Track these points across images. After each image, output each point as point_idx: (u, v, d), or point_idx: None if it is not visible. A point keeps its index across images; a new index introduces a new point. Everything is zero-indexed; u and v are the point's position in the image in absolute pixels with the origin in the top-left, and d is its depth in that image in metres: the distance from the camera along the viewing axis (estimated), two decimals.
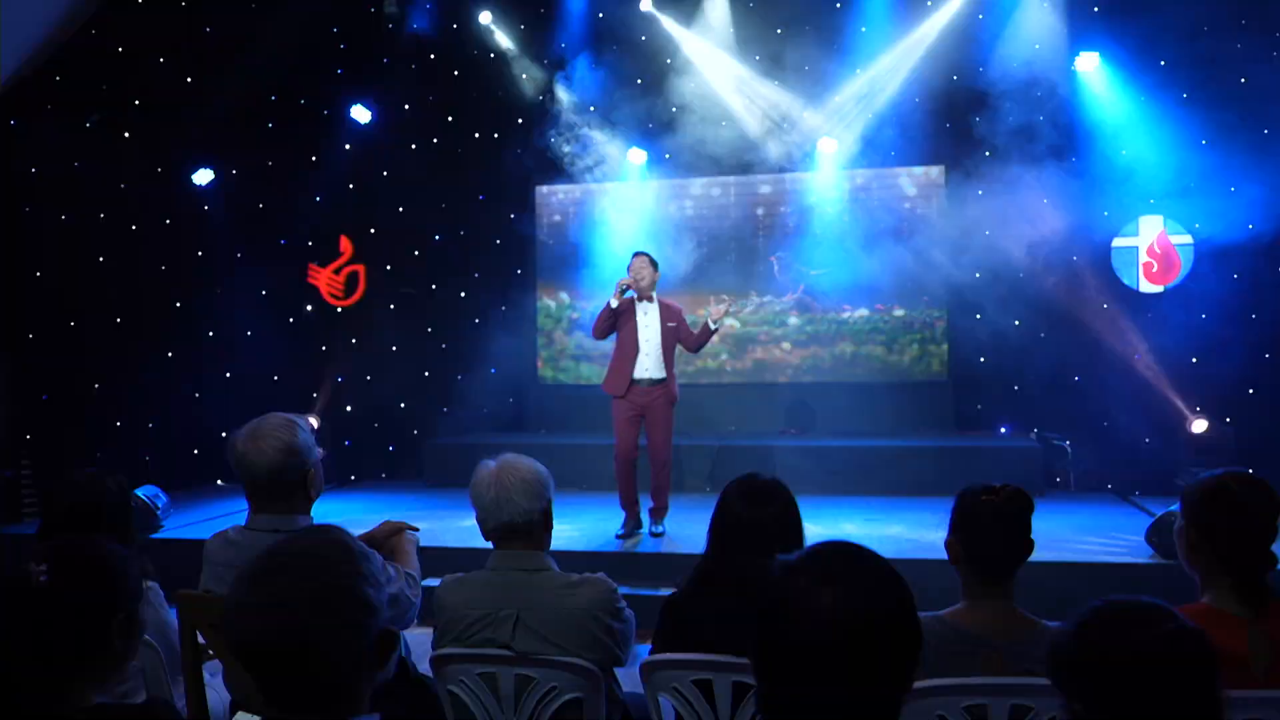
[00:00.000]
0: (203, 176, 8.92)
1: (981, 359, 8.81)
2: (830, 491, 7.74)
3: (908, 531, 6.45)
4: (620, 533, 6.33)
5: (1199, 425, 7.35)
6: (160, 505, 6.84)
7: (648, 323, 6.14)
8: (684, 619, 2.48)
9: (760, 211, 9.40)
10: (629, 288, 6.09)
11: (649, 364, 6.12)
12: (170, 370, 8.83)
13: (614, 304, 6.08)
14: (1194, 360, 7.60)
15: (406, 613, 2.66)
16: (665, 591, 5.76)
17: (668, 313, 6.18)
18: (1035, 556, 5.60)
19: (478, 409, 9.43)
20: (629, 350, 6.11)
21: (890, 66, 8.69)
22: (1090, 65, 7.82)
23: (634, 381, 6.11)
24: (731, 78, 9.06)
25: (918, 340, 9.12)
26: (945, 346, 9.04)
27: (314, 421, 8.91)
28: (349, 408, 9.20)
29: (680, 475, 8.29)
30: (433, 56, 9.49)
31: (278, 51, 8.77)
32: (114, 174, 8.43)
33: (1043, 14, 8.03)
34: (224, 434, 9.01)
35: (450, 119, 9.51)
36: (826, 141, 8.96)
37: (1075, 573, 5.40)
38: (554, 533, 2.66)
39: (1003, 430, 8.70)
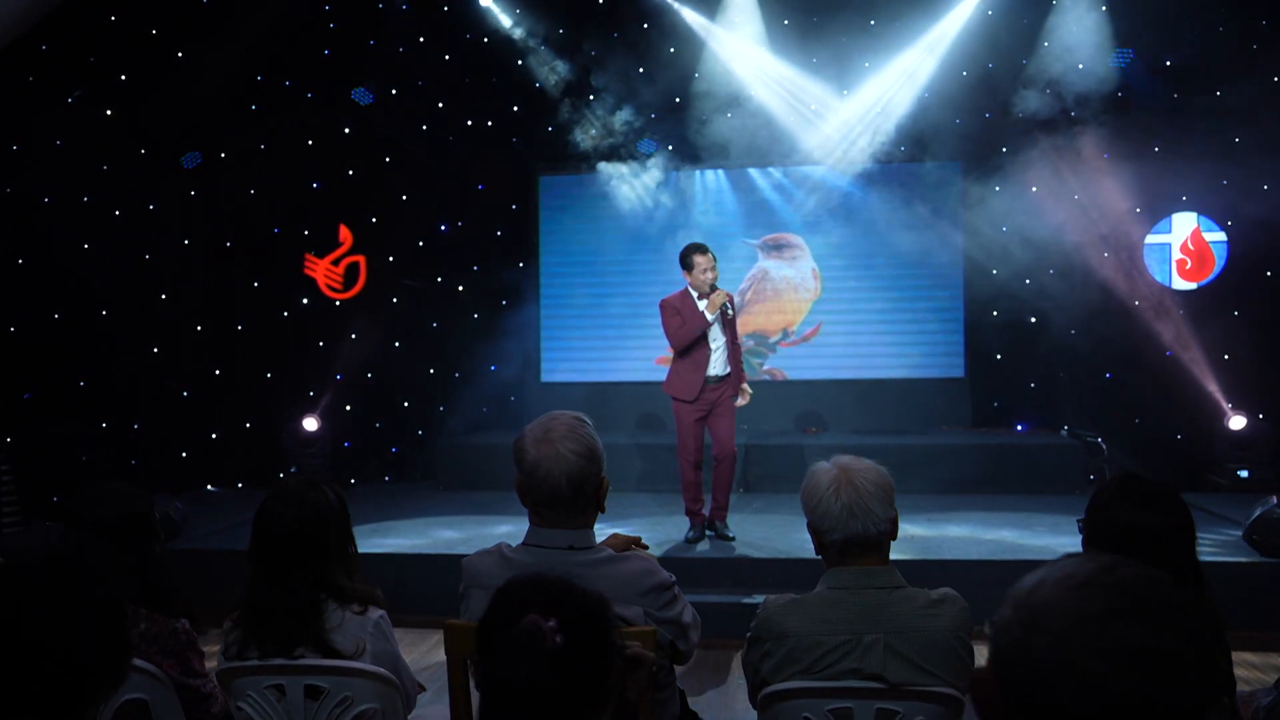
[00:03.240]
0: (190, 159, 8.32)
1: (998, 356, 8.78)
2: None
3: (980, 532, 6.31)
4: (690, 536, 6.05)
5: (1237, 422, 7.40)
6: (178, 514, 6.29)
7: (714, 319, 5.89)
8: None
9: (775, 203, 9.19)
10: (727, 302, 5.86)
11: (719, 361, 5.90)
12: (156, 367, 8.21)
13: (710, 317, 5.81)
14: (1226, 357, 7.65)
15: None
16: (753, 599, 5.54)
17: (728, 301, 5.96)
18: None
19: (478, 408, 9.04)
20: (700, 353, 5.85)
21: (914, 59, 8.55)
22: (1123, 61, 7.79)
23: (707, 380, 5.86)
24: (747, 63, 8.81)
25: (934, 337, 9.03)
26: (961, 343, 8.97)
27: (313, 422, 8.40)
28: (348, 407, 8.69)
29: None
30: (432, 39, 9.01)
31: (273, 28, 8.24)
32: (95, 154, 7.78)
33: (1077, 8, 7.98)
34: (213, 435, 8.52)
35: (450, 103, 9.04)
36: (844, 133, 8.80)
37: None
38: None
39: (1019, 428, 8.68)
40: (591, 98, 8.85)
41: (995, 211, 8.36)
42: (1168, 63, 7.66)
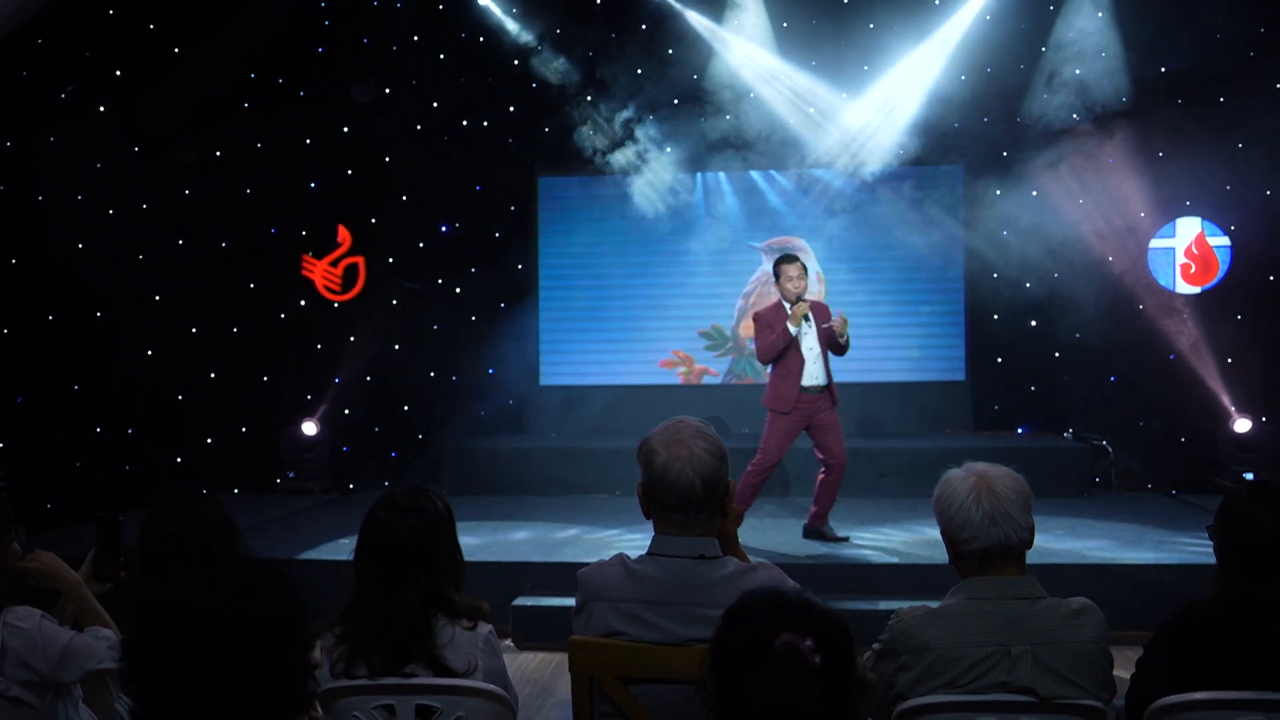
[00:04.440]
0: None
1: (999, 359, 8.81)
2: (886, 494, 7.59)
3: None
4: None
5: (1242, 424, 7.48)
6: None
7: (807, 329, 5.90)
8: (1192, 655, 2.17)
9: (779, 206, 9.16)
10: (809, 312, 5.86)
11: (815, 371, 5.90)
12: (151, 370, 8.00)
13: (794, 330, 5.81)
14: (1230, 360, 7.73)
15: None
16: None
17: (820, 313, 5.95)
18: (1153, 559, 5.56)
19: (476, 412, 8.92)
20: (795, 363, 5.87)
21: (916, 62, 8.55)
22: (1126, 67, 7.86)
23: (802, 390, 5.85)
24: (749, 65, 8.77)
25: (936, 340, 9.05)
26: (963, 346, 9.00)
27: (312, 426, 8.24)
28: (347, 411, 8.53)
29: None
30: (429, 38, 8.87)
31: (271, 26, 8.09)
32: (90, 152, 7.57)
33: (1080, 14, 8.03)
34: (209, 440, 8.33)
35: (448, 104, 8.90)
36: (848, 136, 8.78)
37: (1197, 574, 5.33)
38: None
39: (1020, 431, 8.72)
40: (590, 98, 8.76)
41: (997, 215, 8.39)
42: (1171, 69, 7.70)
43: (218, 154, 8.39)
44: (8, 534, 2.44)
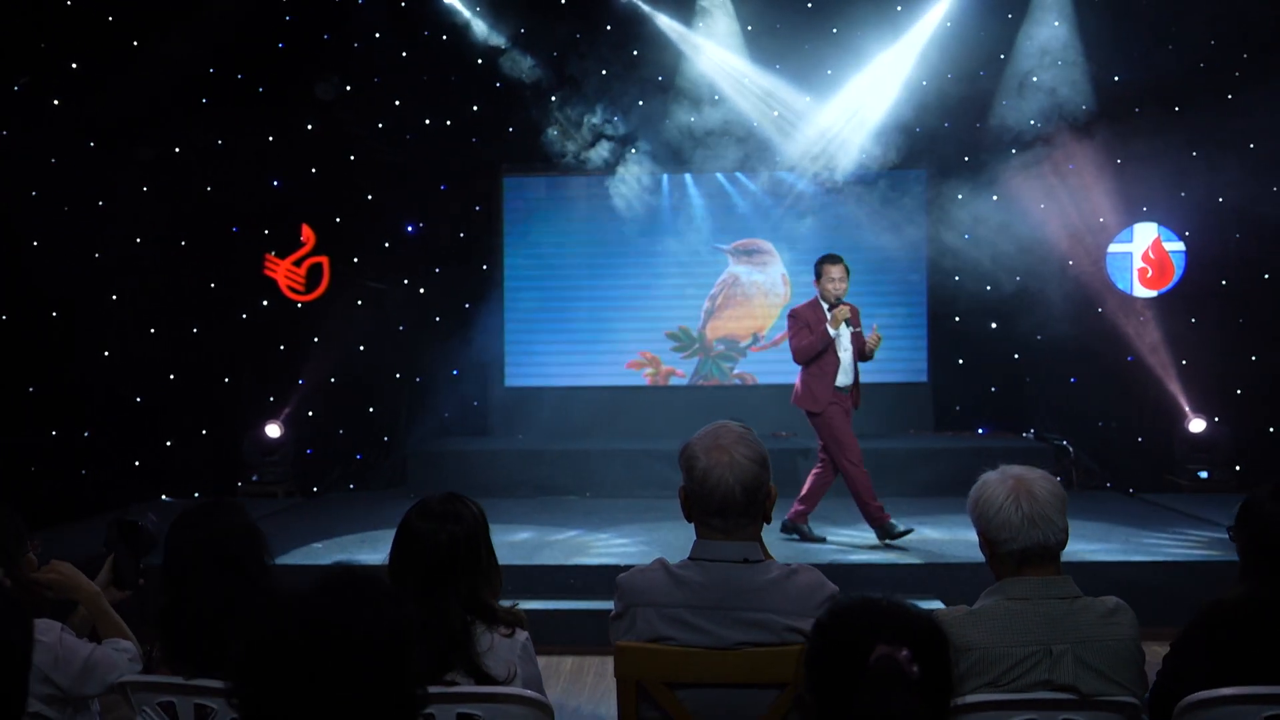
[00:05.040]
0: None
1: (960, 361, 8.96)
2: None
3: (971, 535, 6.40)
4: (901, 529, 5.96)
5: (1197, 425, 7.70)
6: (154, 525, 5.95)
7: (840, 331, 5.98)
8: (1219, 653, 2.23)
9: (745, 208, 9.21)
10: (850, 317, 5.95)
11: (847, 372, 6.02)
12: (107, 372, 7.79)
13: (834, 333, 5.89)
14: (1184, 362, 7.96)
15: None
16: None
17: (854, 317, 6.06)
18: (1123, 556, 5.69)
19: (440, 413, 8.84)
20: (830, 364, 5.96)
21: (880, 67, 8.65)
22: (1085, 76, 8.04)
23: (836, 389, 5.97)
24: (717, 67, 8.80)
25: (899, 342, 9.15)
26: (925, 348, 9.13)
27: (276, 429, 8.09)
28: (311, 413, 8.39)
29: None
30: (391, 35, 8.76)
31: (232, 20, 7.92)
32: (43, 146, 7.35)
33: (1042, 24, 8.20)
34: (168, 443, 8.16)
35: (411, 102, 8.80)
36: (813, 140, 8.86)
37: (1173, 571, 5.47)
38: (621, 546, 2.37)
39: (980, 431, 8.88)
40: (555, 99, 8.71)
41: (959, 219, 8.54)
42: (1129, 78, 7.90)
43: (177, 150, 8.20)
44: (22, 544, 2.37)
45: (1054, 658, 2.13)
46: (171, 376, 8.14)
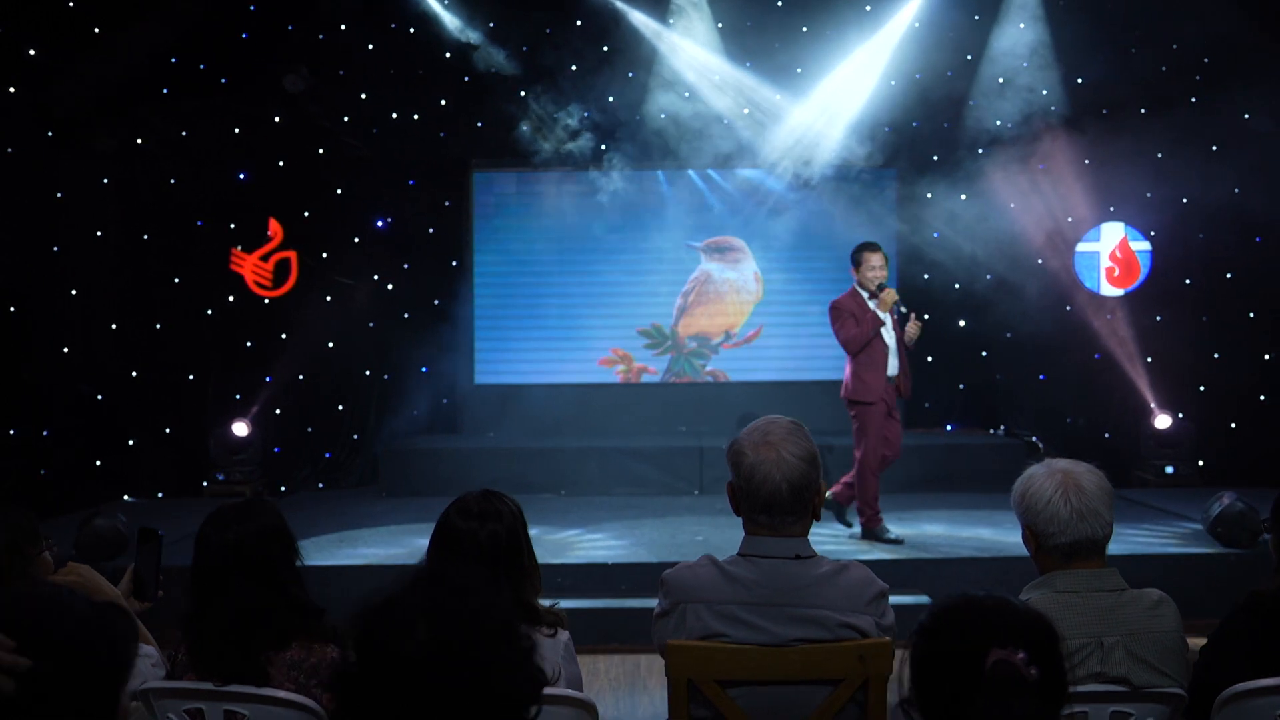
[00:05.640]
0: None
1: (929, 359, 9.03)
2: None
3: (956, 530, 6.47)
4: (894, 535, 5.97)
5: (1163, 421, 7.85)
6: (124, 526, 5.79)
7: (885, 318, 5.95)
8: (1260, 644, 2.25)
9: (718, 206, 9.19)
10: (897, 301, 5.93)
11: (895, 361, 5.97)
12: (67, 369, 7.56)
13: (884, 317, 5.86)
14: (1150, 359, 8.11)
15: None
16: None
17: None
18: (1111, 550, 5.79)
19: (410, 411, 8.72)
20: (880, 353, 5.91)
21: (850, 66, 8.69)
22: (1053, 77, 8.16)
23: (887, 379, 5.94)
24: (690, 64, 8.77)
25: None
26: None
27: (243, 427, 7.92)
28: (278, 411, 8.21)
29: (669, 479, 8.00)
30: (358, 27, 8.61)
31: (197, 8, 7.74)
32: None
33: (1010, 26, 8.30)
34: (130, 442, 7.95)
35: (379, 95, 8.65)
36: (785, 138, 8.88)
37: (1152, 564, 5.57)
38: (605, 544, 2.36)
39: (949, 428, 8.97)
40: (525, 94, 8.62)
41: (928, 218, 8.62)
42: (1097, 80, 8.03)
43: (139, 141, 7.97)
44: (36, 544, 2.26)
45: (1105, 650, 2.14)
46: (134, 374, 7.93)
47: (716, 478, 7.98)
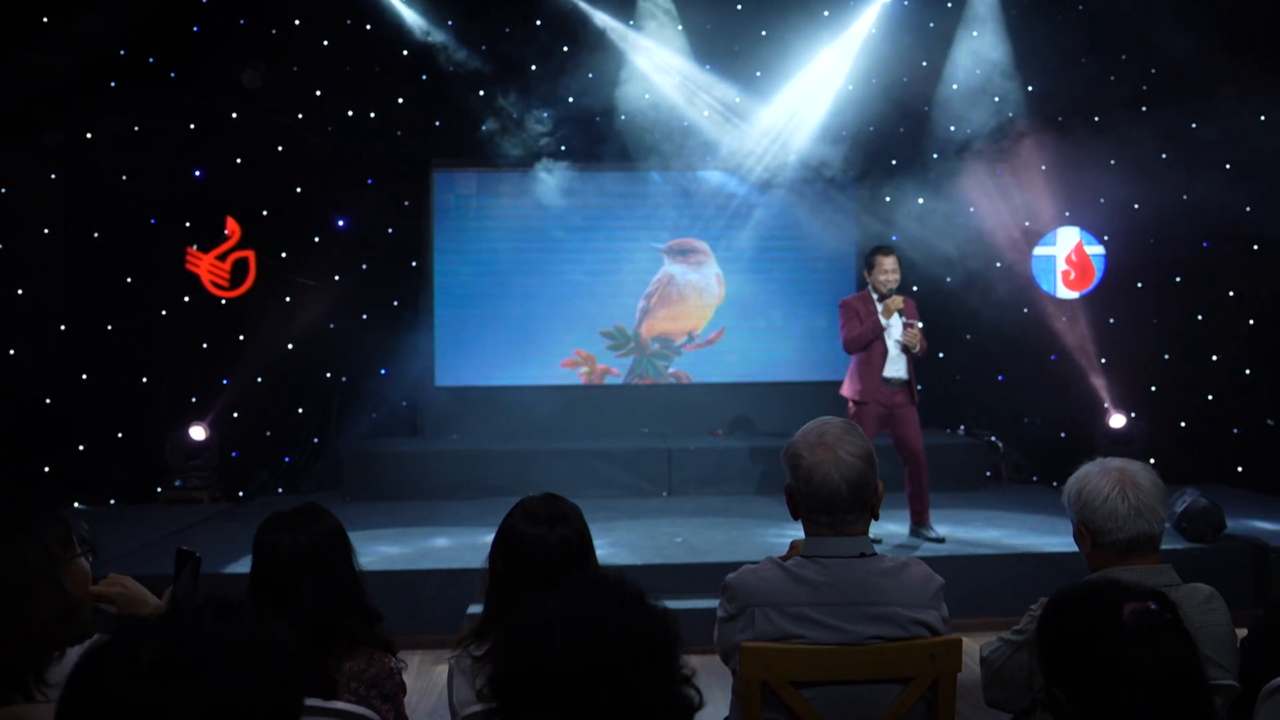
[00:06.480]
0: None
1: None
2: None
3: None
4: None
5: (1117, 420, 8.07)
6: (88, 534, 5.56)
7: (890, 322, 5.96)
8: None
9: (681, 208, 9.20)
10: (902, 307, 5.94)
11: (896, 364, 5.98)
12: (13, 372, 7.27)
13: (885, 322, 5.89)
14: (1104, 360, 8.33)
15: None
16: (701, 603, 5.51)
17: (907, 309, 6.03)
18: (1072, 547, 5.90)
19: (369, 414, 8.56)
20: (877, 354, 5.93)
21: (813, 71, 8.77)
22: (1011, 85, 8.34)
23: (884, 381, 5.92)
24: (654, 65, 8.77)
25: (830, 342, 9.27)
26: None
27: (201, 431, 7.70)
28: (236, 414, 8.00)
29: (637, 481, 7.98)
30: (315, 21, 8.43)
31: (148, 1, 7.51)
32: None
33: (967, 33, 8.47)
34: (80, 447, 7.68)
35: (334, 92, 8.48)
36: (748, 140, 8.93)
37: None
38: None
39: None
40: (483, 93, 8.54)
41: (886, 221, 8.74)
42: (1051, 90, 8.22)
43: (88, 136, 7.71)
44: (69, 549, 2.14)
45: None
46: (84, 377, 7.65)
47: (684, 479, 8.00)
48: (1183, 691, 1.40)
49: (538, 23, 8.64)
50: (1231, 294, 8.21)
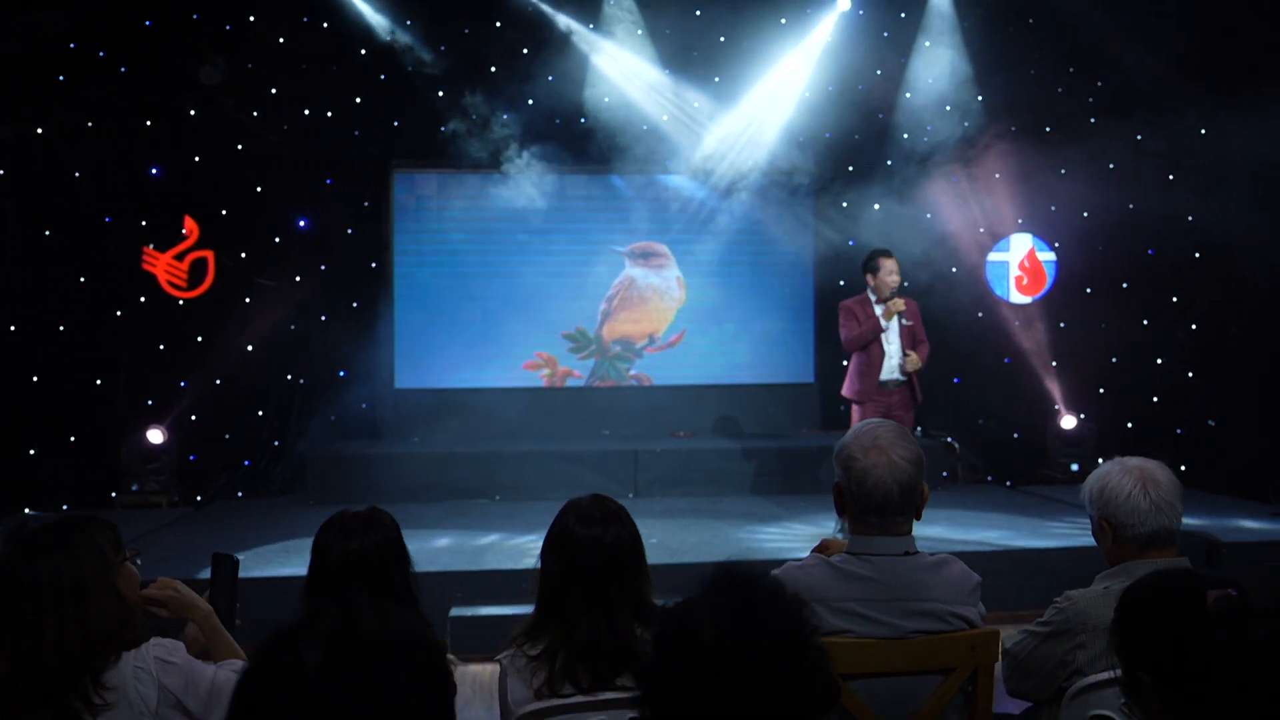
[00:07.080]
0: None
1: (845, 363, 9.31)
2: (771, 491, 7.87)
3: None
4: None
5: (1068, 421, 8.33)
6: None
7: (890, 324, 6.04)
8: None
9: (642, 211, 9.26)
10: (903, 310, 6.02)
11: (895, 366, 6.06)
12: None
13: (885, 324, 5.96)
14: (1055, 364, 8.59)
15: None
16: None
17: (909, 310, 6.13)
18: (1046, 543, 6.09)
19: (327, 417, 8.46)
20: (876, 355, 6.01)
21: (774, 76, 8.89)
22: (967, 95, 8.56)
23: (881, 384, 5.99)
24: (617, 68, 8.81)
25: (789, 344, 9.43)
26: (812, 350, 9.44)
27: (159, 435, 7.54)
28: (194, 417, 7.85)
29: (603, 483, 7.99)
30: (272, 17, 8.31)
31: None
32: None
33: (924, 43, 8.67)
34: (31, 451, 7.47)
35: (291, 90, 8.36)
36: (708, 144, 9.01)
37: (1084, 556, 5.91)
38: None
39: None
40: (444, 94, 8.49)
41: (843, 227, 8.91)
42: (1005, 100, 8.46)
43: (39, 131, 7.49)
44: (119, 553, 2.12)
45: None
46: (35, 379, 7.43)
47: (650, 481, 8.04)
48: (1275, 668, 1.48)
49: (498, 24, 8.62)
50: (1175, 300, 8.53)
